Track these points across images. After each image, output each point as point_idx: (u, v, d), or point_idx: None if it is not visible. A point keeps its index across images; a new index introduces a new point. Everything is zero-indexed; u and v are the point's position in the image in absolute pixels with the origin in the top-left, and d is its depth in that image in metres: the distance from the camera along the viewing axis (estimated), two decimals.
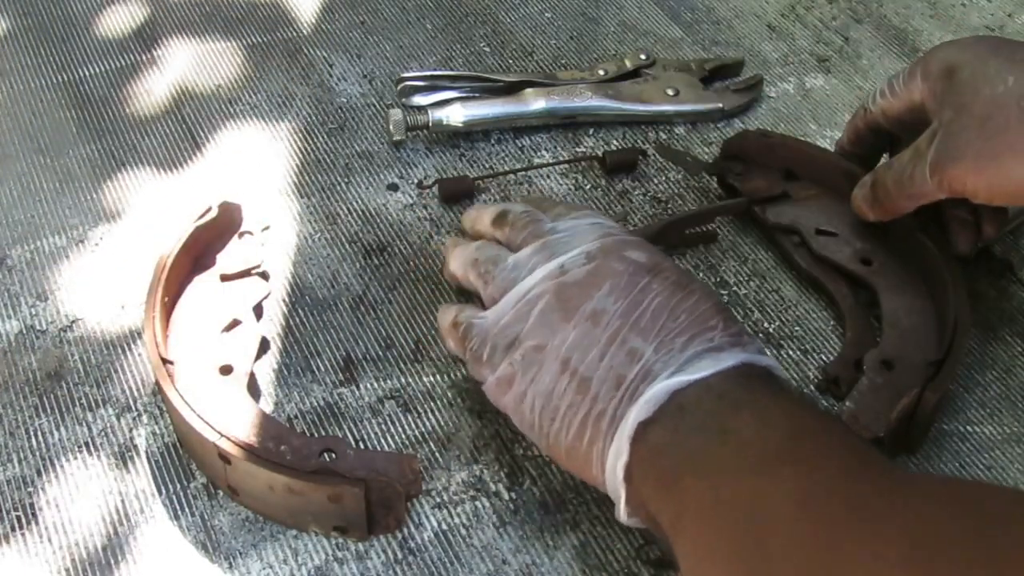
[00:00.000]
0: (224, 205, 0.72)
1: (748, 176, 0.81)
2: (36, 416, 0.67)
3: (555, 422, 0.57)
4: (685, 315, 0.57)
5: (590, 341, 0.57)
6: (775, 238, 0.79)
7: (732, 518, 0.48)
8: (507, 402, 0.60)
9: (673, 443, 0.52)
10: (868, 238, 0.76)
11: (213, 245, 0.72)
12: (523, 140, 0.88)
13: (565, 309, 0.59)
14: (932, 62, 0.69)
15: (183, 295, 0.70)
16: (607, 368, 0.56)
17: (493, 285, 0.64)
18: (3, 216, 0.79)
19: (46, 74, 0.92)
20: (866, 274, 0.74)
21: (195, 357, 0.65)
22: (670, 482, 0.51)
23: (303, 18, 0.99)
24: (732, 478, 0.49)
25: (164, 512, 0.63)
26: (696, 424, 0.52)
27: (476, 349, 0.62)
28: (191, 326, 0.68)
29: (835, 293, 0.74)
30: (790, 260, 0.78)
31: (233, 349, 0.66)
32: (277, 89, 0.92)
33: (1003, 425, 0.70)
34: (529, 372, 0.58)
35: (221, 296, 0.70)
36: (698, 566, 0.50)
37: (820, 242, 0.76)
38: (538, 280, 0.61)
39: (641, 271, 0.59)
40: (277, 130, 0.88)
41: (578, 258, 0.61)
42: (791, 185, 0.80)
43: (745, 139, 0.82)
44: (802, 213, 0.78)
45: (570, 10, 1.02)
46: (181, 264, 0.69)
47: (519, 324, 0.60)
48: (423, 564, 0.61)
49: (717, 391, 0.53)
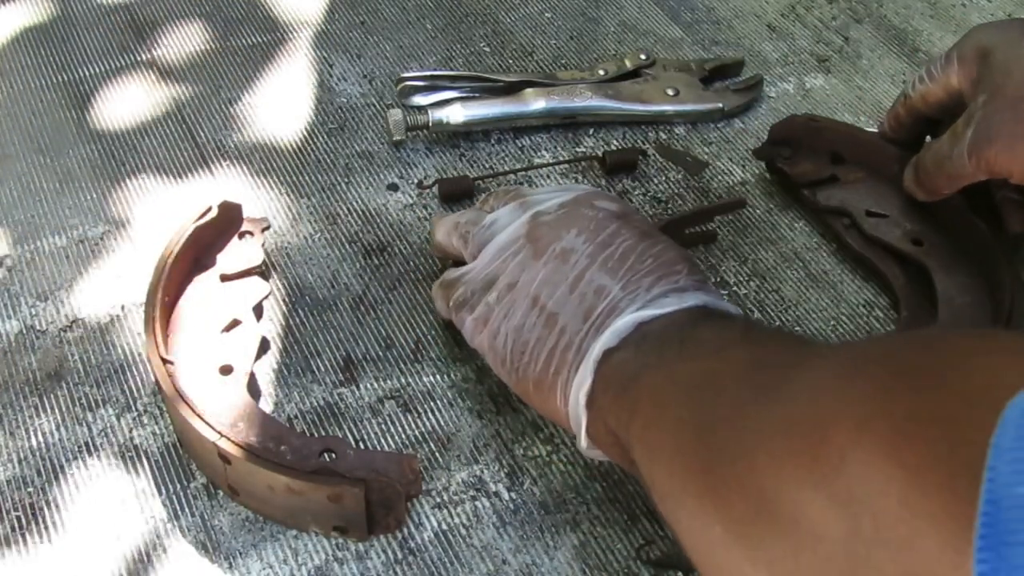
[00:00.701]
0: (224, 205, 0.72)
1: (796, 160, 0.82)
2: (36, 416, 0.67)
3: (524, 355, 0.59)
4: (652, 259, 0.59)
5: (559, 278, 0.59)
6: (826, 221, 0.80)
7: (682, 393, 0.49)
8: (482, 340, 0.62)
9: (634, 359, 0.54)
10: (918, 219, 0.77)
11: (213, 245, 0.72)
12: (523, 140, 0.88)
13: (536, 248, 0.61)
14: (966, 46, 0.70)
15: (183, 295, 0.70)
16: (575, 303, 0.58)
17: (473, 243, 0.66)
18: (3, 216, 0.79)
19: (46, 74, 0.92)
20: (918, 254, 0.75)
21: (195, 357, 0.65)
22: (628, 384, 0.53)
23: (303, 18, 0.99)
24: (686, 365, 0.51)
25: (164, 512, 0.63)
26: (657, 342, 0.54)
27: (459, 296, 0.64)
28: (191, 326, 0.68)
29: (887, 274, 0.76)
30: (841, 242, 0.79)
31: (233, 349, 0.66)
32: (277, 89, 0.92)
33: None
34: (502, 309, 0.60)
35: (221, 296, 0.70)
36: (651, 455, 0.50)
37: (871, 223, 0.77)
38: (514, 228, 0.63)
39: (611, 217, 0.61)
40: (277, 130, 0.88)
41: (552, 207, 0.63)
42: (838, 168, 0.81)
43: (792, 124, 0.83)
44: (851, 195, 0.79)
45: (570, 10, 1.02)
46: (181, 264, 0.69)
47: (495, 267, 0.62)
48: (423, 564, 0.61)
49: (680, 322, 0.55)
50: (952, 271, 0.74)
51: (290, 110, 0.90)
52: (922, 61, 0.97)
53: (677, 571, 0.61)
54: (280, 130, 0.88)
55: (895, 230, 0.77)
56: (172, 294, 0.69)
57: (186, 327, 0.68)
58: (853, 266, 0.79)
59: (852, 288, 0.78)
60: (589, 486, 0.65)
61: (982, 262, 0.73)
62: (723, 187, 0.84)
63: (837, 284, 0.78)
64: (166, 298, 0.67)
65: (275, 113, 0.89)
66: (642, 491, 0.64)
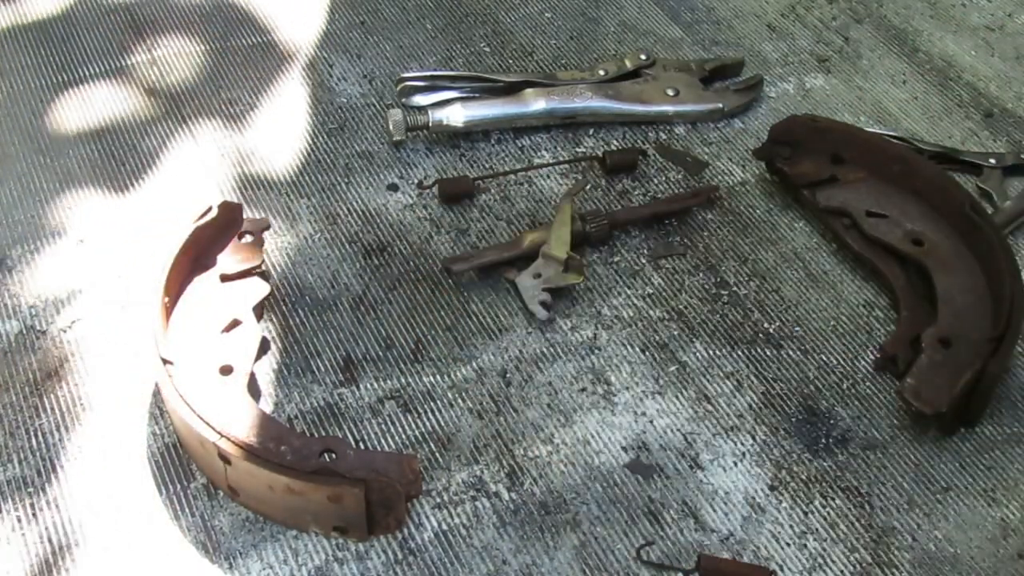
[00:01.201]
0: (224, 205, 0.72)
1: (796, 160, 0.82)
2: (36, 416, 0.67)
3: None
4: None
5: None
6: (826, 221, 0.80)
7: None
8: None
9: None
10: (918, 219, 0.77)
11: (213, 245, 0.72)
12: (523, 140, 0.88)
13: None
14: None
15: (183, 295, 0.70)
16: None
17: None
18: (3, 216, 0.79)
19: (46, 74, 0.92)
20: (918, 254, 0.75)
21: (195, 357, 0.65)
22: None
23: (303, 18, 0.99)
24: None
25: (164, 512, 0.63)
26: None
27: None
28: (191, 326, 0.68)
29: (887, 274, 0.76)
30: (841, 242, 0.79)
31: (233, 349, 0.66)
32: (277, 89, 0.92)
33: (1003, 425, 0.70)
34: None
35: (221, 296, 0.70)
36: None
37: (871, 223, 0.77)
38: None
39: None
40: (277, 130, 0.88)
41: None
42: (838, 168, 0.81)
43: (793, 123, 0.83)
44: (851, 196, 0.80)
45: (570, 10, 1.02)
46: (181, 264, 0.69)
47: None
48: (423, 564, 0.61)
49: None
50: (952, 270, 0.74)
51: (290, 110, 0.90)
52: (922, 61, 0.97)
53: (677, 572, 0.61)
54: (280, 130, 0.88)
55: (895, 230, 0.77)
56: (172, 294, 0.69)
57: (186, 327, 0.68)
58: (853, 266, 0.79)
59: (852, 288, 0.78)
60: (589, 486, 0.65)
61: (982, 262, 0.73)
62: (723, 187, 0.84)
63: (837, 284, 0.78)
64: (166, 298, 0.67)
65: (275, 113, 0.89)
66: (642, 491, 0.64)
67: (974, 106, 0.92)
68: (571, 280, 0.74)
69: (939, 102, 0.93)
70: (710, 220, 0.82)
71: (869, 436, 0.68)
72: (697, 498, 0.65)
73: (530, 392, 0.70)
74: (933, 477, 0.67)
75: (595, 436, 0.67)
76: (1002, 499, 0.66)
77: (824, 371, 0.72)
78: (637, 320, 0.74)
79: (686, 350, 0.73)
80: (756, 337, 0.74)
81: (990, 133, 0.90)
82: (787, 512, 0.64)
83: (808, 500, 0.65)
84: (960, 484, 0.66)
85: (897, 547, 0.63)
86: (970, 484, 0.66)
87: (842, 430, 0.69)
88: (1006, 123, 0.91)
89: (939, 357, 0.68)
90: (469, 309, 0.75)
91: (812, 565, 0.62)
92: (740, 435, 0.68)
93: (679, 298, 0.76)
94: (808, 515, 0.64)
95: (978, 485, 0.66)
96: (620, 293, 0.76)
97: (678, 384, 0.71)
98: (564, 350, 0.72)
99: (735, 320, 0.75)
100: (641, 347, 0.73)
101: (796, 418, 0.69)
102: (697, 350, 0.73)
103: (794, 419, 0.69)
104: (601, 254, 0.79)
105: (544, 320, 0.73)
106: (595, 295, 0.76)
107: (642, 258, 0.79)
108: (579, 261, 0.75)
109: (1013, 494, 0.66)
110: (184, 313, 0.69)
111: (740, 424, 0.69)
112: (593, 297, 0.76)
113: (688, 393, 0.70)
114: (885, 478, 0.66)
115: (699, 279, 0.78)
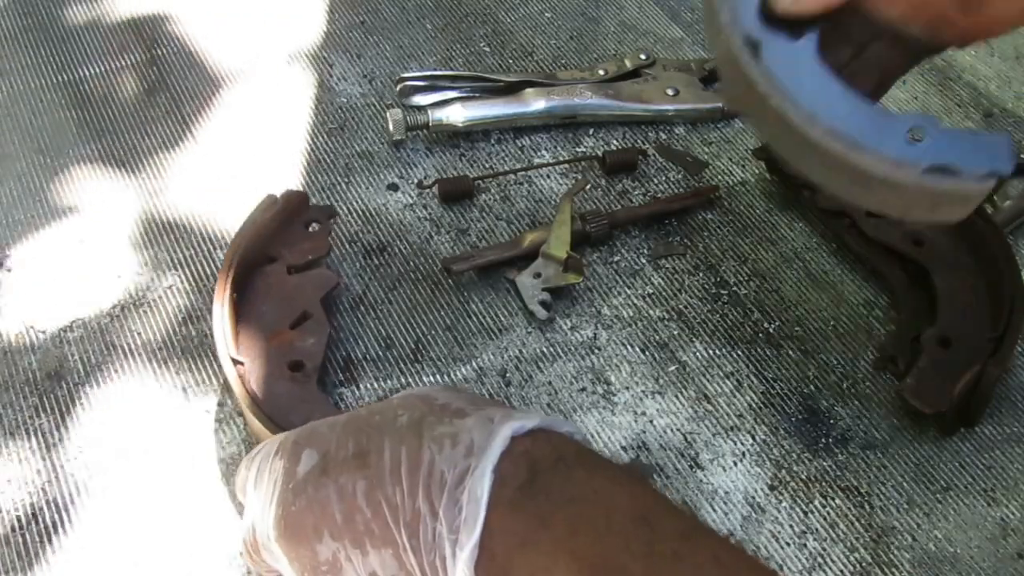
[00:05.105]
0: (287, 194, 0.70)
1: None
2: (36, 416, 0.67)
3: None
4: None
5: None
6: (826, 221, 0.80)
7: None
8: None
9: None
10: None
11: (277, 236, 0.70)
12: (523, 140, 0.88)
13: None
14: None
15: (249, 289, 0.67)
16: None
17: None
18: (3, 216, 0.79)
19: (46, 74, 0.92)
20: (918, 254, 0.75)
21: (264, 355, 0.63)
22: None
23: (303, 18, 0.99)
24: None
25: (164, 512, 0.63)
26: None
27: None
28: (259, 322, 0.65)
29: (887, 274, 0.76)
30: (841, 242, 0.79)
31: (303, 344, 0.64)
32: (277, 89, 0.92)
33: (1003, 425, 0.70)
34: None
35: (288, 289, 0.68)
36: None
37: (871, 224, 0.77)
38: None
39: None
40: (277, 130, 0.88)
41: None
42: None
43: None
44: None
45: (570, 10, 1.02)
46: (247, 258, 0.67)
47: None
48: None
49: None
50: (952, 270, 0.74)
51: (290, 110, 0.90)
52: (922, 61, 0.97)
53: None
54: (280, 130, 0.88)
55: (895, 230, 0.77)
56: (239, 290, 0.66)
57: (254, 323, 0.65)
58: (853, 266, 0.79)
59: (852, 288, 0.78)
60: None
61: (982, 262, 0.73)
62: (723, 187, 0.84)
63: (837, 284, 0.78)
64: (233, 295, 0.65)
65: (275, 113, 0.89)
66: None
67: (974, 106, 0.92)
68: (571, 280, 0.75)
69: (939, 102, 0.92)
70: (710, 220, 0.82)
71: (869, 436, 0.69)
72: (697, 498, 0.65)
73: (530, 392, 0.70)
74: (933, 477, 0.67)
75: (595, 436, 0.67)
76: (1002, 499, 0.66)
77: (824, 371, 0.72)
78: (637, 320, 0.75)
79: (686, 350, 0.73)
80: (756, 337, 0.74)
81: None
82: (787, 512, 0.64)
83: (808, 500, 0.65)
84: (960, 484, 0.66)
85: (897, 547, 0.63)
86: (970, 484, 0.66)
87: (842, 430, 0.69)
88: (1006, 123, 0.91)
89: (939, 357, 0.68)
90: (469, 309, 0.75)
91: (812, 565, 0.62)
92: (740, 435, 0.68)
93: (679, 298, 0.76)
94: (808, 515, 0.64)
95: (978, 485, 0.66)
96: (620, 293, 0.76)
97: (678, 384, 0.71)
98: (564, 350, 0.72)
99: (735, 320, 0.75)
100: (641, 347, 0.73)
101: (796, 418, 0.69)
102: (697, 350, 0.73)
103: (794, 419, 0.69)
104: (601, 254, 0.79)
105: (544, 320, 0.73)
106: (595, 295, 0.76)
107: (642, 258, 0.79)
108: (579, 261, 0.75)
109: (1013, 494, 0.66)
110: (250, 309, 0.67)
111: (740, 424, 0.69)
112: (593, 297, 0.76)
113: (688, 393, 0.70)
114: (885, 478, 0.66)
115: (699, 279, 0.78)
